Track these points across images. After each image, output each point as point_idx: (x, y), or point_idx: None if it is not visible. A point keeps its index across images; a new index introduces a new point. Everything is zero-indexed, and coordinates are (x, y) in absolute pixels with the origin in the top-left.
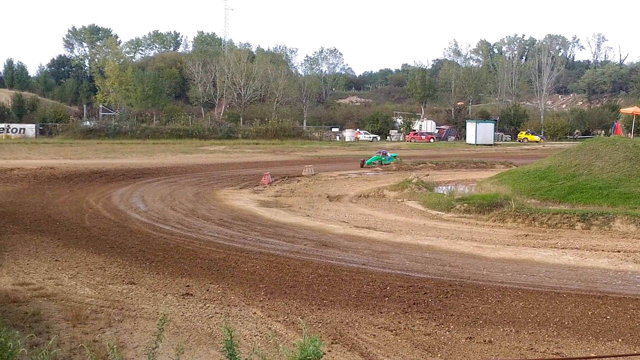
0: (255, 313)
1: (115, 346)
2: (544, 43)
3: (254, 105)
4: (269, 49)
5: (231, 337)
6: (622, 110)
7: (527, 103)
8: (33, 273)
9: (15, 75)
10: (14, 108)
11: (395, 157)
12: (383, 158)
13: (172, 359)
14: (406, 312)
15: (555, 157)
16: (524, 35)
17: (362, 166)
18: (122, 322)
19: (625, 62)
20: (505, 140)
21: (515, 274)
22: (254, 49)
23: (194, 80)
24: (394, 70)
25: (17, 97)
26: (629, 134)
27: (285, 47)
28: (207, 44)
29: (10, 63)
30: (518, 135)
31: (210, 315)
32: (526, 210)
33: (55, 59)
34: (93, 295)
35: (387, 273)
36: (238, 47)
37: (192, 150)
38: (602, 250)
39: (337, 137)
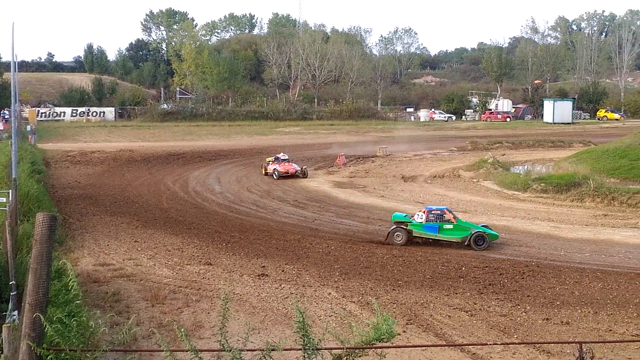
0: (330, 294)
1: (183, 330)
2: (625, 18)
3: (329, 86)
4: (343, 30)
5: (303, 318)
6: None
7: (607, 80)
8: (113, 254)
9: (95, 60)
10: (94, 92)
11: None
12: None
13: (248, 339)
14: (482, 293)
15: (636, 135)
16: (603, 11)
17: None
18: (200, 302)
19: None
20: (584, 119)
21: (594, 255)
22: (328, 30)
23: (269, 62)
24: (469, 49)
25: (97, 81)
26: None
27: (360, 28)
28: (282, 25)
29: (90, 48)
30: (597, 113)
31: (286, 296)
32: (605, 190)
33: (134, 43)
34: (171, 275)
35: (462, 254)
36: (312, 28)
37: (267, 132)
38: None
39: (412, 117)
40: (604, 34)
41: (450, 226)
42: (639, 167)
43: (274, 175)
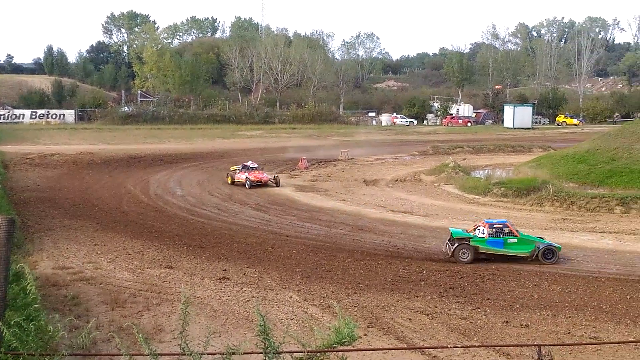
0: (291, 297)
1: (142, 336)
2: (584, 25)
3: (291, 90)
4: (305, 34)
5: (264, 322)
6: None
7: (566, 86)
8: (72, 257)
9: (55, 62)
10: (53, 94)
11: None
12: None
13: (208, 343)
14: (442, 296)
15: (595, 141)
16: (563, 18)
17: None
18: (160, 305)
19: None
20: (544, 124)
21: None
22: (290, 34)
23: (231, 66)
24: (431, 54)
25: (57, 83)
26: None
27: (322, 32)
28: (244, 29)
29: (50, 50)
30: (556, 118)
31: (247, 299)
32: (564, 194)
33: (94, 45)
34: (131, 279)
35: (423, 257)
36: (275, 32)
37: (229, 136)
38: None
39: (374, 122)
40: (563, 40)
41: (515, 240)
42: (597, 172)
43: (246, 185)
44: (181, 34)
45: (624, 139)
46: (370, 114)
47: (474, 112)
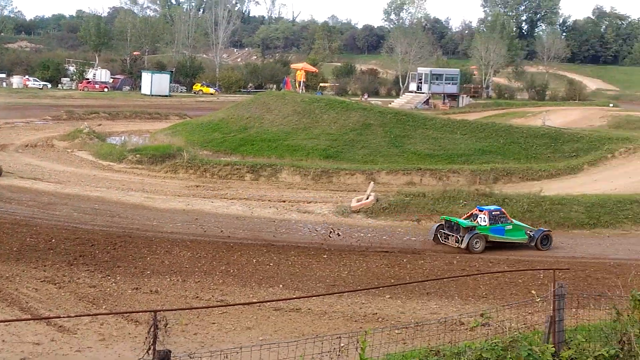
0: None
1: None
2: None
3: None
4: None
5: None
6: (293, 65)
7: (204, 55)
8: None
9: None
10: None
11: None
12: None
13: None
14: (72, 265)
15: (229, 110)
16: None
17: None
18: None
19: (297, 20)
20: (181, 92)
21: (185, 225)
22: None
23: None
24: (67, 15)
25: None
26: (298, 88)
27: None
28: None
29: None
30: (193, 87)
31: None
32: (198, 162)
33: None
34: None
35: (53, 225)
36: None
37: None
38: (269, 201)
39: (4, 84)
40: (201, 10)
41: (510, 227)
42: (230, 140)
43: None
44: None
45: (256, 109)
46: (0, 75)
47: (112, 78)
